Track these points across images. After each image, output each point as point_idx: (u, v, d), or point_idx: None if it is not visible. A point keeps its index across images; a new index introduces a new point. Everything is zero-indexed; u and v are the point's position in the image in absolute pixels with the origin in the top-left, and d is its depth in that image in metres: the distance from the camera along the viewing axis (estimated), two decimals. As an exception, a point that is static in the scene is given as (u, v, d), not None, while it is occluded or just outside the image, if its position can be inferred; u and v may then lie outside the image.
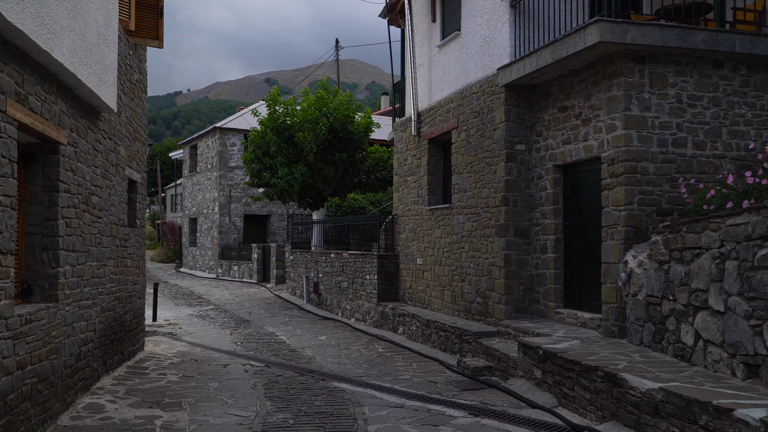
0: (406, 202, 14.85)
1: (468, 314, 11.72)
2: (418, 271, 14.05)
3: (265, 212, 32.13)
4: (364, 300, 15.66)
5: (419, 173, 14.11)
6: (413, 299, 14.23)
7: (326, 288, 18.34)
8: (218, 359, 11.10)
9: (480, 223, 11.37)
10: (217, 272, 31.10)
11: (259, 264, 27.01)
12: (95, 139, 8.15)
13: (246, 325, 15.73)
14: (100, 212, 8.41)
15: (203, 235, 33.55)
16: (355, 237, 18.00)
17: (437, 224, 13.14)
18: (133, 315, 10.54)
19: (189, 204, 36.27)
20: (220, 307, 19.39)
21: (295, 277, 21.45)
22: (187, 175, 36.84)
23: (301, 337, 13.94)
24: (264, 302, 20.63)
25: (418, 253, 14.06)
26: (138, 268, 10.97)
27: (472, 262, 11.62)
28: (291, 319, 16.81)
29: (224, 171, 31.19)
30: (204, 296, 22.27)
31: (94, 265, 8.13)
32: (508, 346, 9.57)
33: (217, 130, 31.50)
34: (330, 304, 18.02)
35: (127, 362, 10.09)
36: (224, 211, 31.24)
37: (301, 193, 20.00)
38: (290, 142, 19.82)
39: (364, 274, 15.75)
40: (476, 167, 11.55)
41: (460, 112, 12.24)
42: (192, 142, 35.90)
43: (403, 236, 14.96)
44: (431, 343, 11.99)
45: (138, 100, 10.88)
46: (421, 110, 14.16)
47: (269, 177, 20.38)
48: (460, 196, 12.15)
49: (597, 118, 9.03)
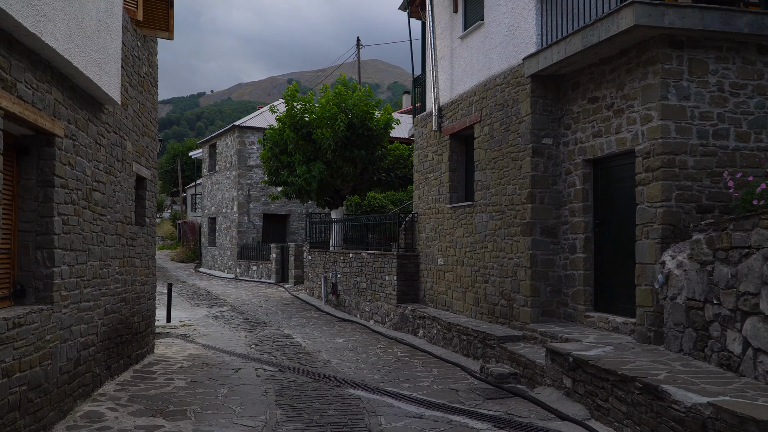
0: (426, 200, 14.34)
1: (491, 317, 11.17)
2: (439, 272, 13.53)
3: (285, 211, 31.79)
4: (383, 301, 15.17)
5: (440, 170, 13.59)
6: (434, 301, 13.71)
7: (345, 289, 17.89)
8: (230, 363, 10.69)
9: (504, 221, 10.82)
10: (236, 272, 30.83)
11: (278, 264, 26.65)
12: (97, 132, 7.76)
13: (262, 327, 15.33)
14: (103, 209, 8.03)
15: (222, 235, 33.32)
16: (375, 236, 17.53)
17: (459, 223, 12.60)
18: (141, 317, 10.16)
19: (208, 203, 36.08)
20: (237, 308, 19.03)
21: (313, 278, 21.04)
22: (206, 174, 36.66)
23: (318, 339, 13.49)
24: (281, 303, 20.24)
25: (439, 253, 13.54)
26: (147, 268, 10.60)
27: (495, 262, 11.07)
28: (308, 321, 16.39)
29: (243, 170, 30.92)
30: (221, 297, 21.96)
31: (96, 265, 7.75)
32: (535, 351, 9.01)
33: (236, 129, 31.22)
34: (348, 305, 17.56)
35: (135, 366, 9.71)
36: (243, 211, 30.96)
37: (319, 191, 19.56)
38: (308, 139, 19.40)
39: (383, 275, 15.27)
40: (500, 163, 11.00)
41: (483, 105, 11.70)
42: (211, 141, 35.70)
43: (423, 235, 14.45)
44: (453, 348, 11.46)
45: (147, 94, 10.51)
46: (443, 104, 13.63)
47: (287, 175, 19.98)
48: (483, 193, 11.60)
49: (631, 108, 8.43)
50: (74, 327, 7.00)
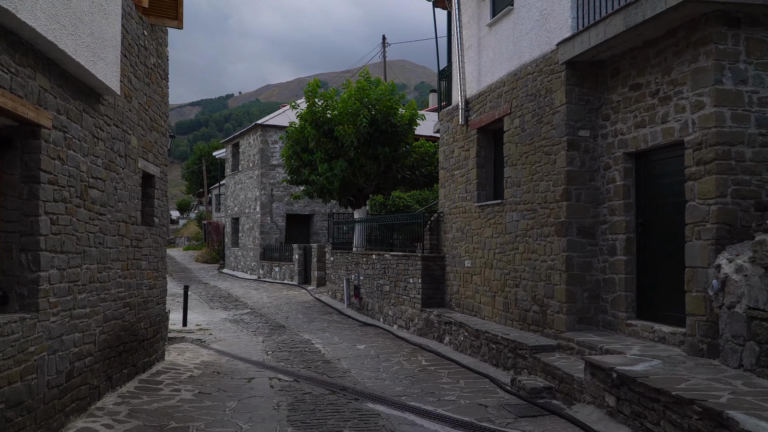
0: (452, 199, 13.61)
1: (523, 324, 10.41)
2: (466, 275, 12.79)
3: (308, 211, 31.27)
4: (407, 305, 14.48)
5: (467, 166, 12.85)
6: (461, 306, 12.98)
7: (367, 292, 17.23)
8: (244, 371, 10.10)
9: (537, 220, 10.05)
10: (259, 273, 30.39)
11: (300, 265, 26.11)
12: (94, 124, 7.21)
13: (281, 332, 14.75)
14: (102, 208, 7.47)
15: (245, 236, 32.93)
16: (399, 237, 16.85)
17: (487, 222, 11.85)
18: (149, 322, 9.62)
19: (231, 203, 35.74)
20: (257, 311, 18.50)
21: (335, 280, 20.43)
22: (229, 174, 36.34)
23: (338, 346, 12.85)
24: (303, 306, 19.66)
25: (466, 254, 12.80)
26: (156, 271, 10.06)
27: (527, 265, 10.31)
28: (329, 325, 15.77)
29: (266, 169, 30.47)
30: (241, 299, 21.46)
31: (93, 269, 7.19)
32: (571, 363, 8.24)
33: (259, 128, 30.79)
34: (371, 309, 16.90)
35: (141, 375, 9.16)
36: (266, 211, 30.52)
37: (341, 190, 18.93)
38: (330, 136, 18.79)
39: (407, 278, 14.57)
40: (532, 157, 10.24)
41: (514, 96, 10.94)
42: (234, 140, 35.35)
43: (449, 236, 13.72)
44: (481, 356, 10.73)
45: (156, 87, 9.97)
46: (470, 97, 12.89)
47: (308, 174, 19.40)
48: (514, 190, 10.84)
49: (679, 95, 7.62)
50: (66, 336, 6.44)
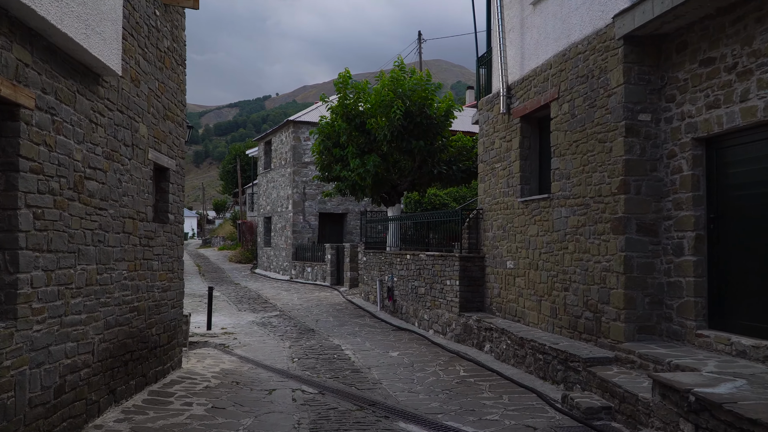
0: (493, 194, 12.62)
1: (573, 332, 9.39)
2: (508, 277, 11.80)
3: (342, 210, 30.51)
4: (444, 309, 13.54)
5: (509, 158, 11.85)
6: (502, 310, 11.99)
7: (401, 294, 16.34)
8: (265, 381, 9.32)
9: (589, 216, 9.03)
10: (291, 274, 29.75)
11: (333, 265, 25.34)
12: (92, 108, 6.47)
13: (309, 336, 13.96)
14: (102, 202, 6.74)
15: (277, 235, 32.34)
16: (435, 236, 15.91)
17: (532, 219, 10.85)
18: (162, 328, 8.90)
19: (263, 202, 35.21)
20: (286, 314, 17.77)
21: (368, 281, 19.58)
22: (261, 173, 35.82)
23: (369, 352, 11.99)
24: (334, 308, 18.87)
25: (508, 254, 11.81)
26: (171, 272, 9.34)
27: (578, 266, 9.29)
28: (361, 330, 14.92)
29: (298, 167, 29.81)
30: (271, 300, 20.78)
31: (91, 270, 6.46)
32: (633, 379, 7.22)
33: (291, 124, 30.15)
34: (405, 312, 16.00)
35: (152, 386, 8.43)
36: (298, 209, 29.86)
37: (374, 186, 18.05)
38: (362, 130, 17.94)
39: (443, 279, 13.64)
40: (583, 146, 9.22)
41: (562, 79, 9.92)
42: (266, 137, 34.80)
43: (490, 234, 12.74)
44: (526, 367, 9.74)
45: (170, 72, 9.25)
46: (512, 83, 11.89)
47: (340, 170, 18.58)
48: (562, 183, 9.83)
49: (763, 68, 6.55)
50: (55, 347, 5.70)
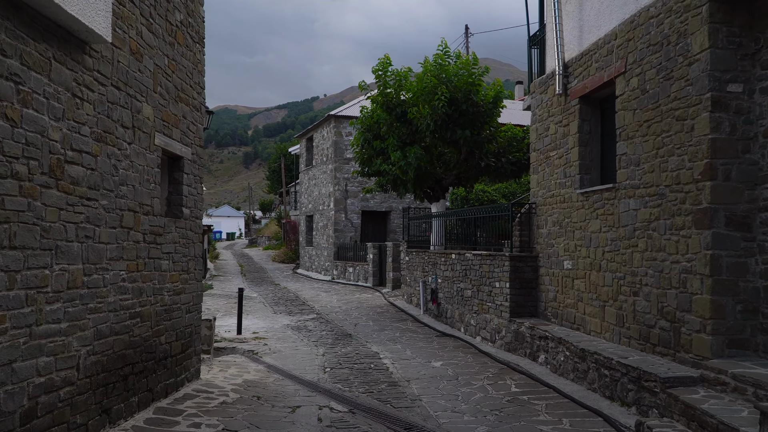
0: (547, 186, 11.35)
1: (644, 344, 8.09)
2: (565, 279, 10.52)
3: (385, 208, 29.45)
4: (493, 314, 12.32)
5: (566, 145, 10.57)
6: (558, 316, 10.72)
7: (446, 296, 15.16)
8: (290, 396, 8.32)
9: (665, 208, 7.72)
10: (332, 274, 28.85)
11: (375, 266, 24.29)
12: (75, 80, 5.55)
13: (346, 342, 12.94)
14: (91, 191, 5.82)
15: (319, 234, 31.51)
16: (483, 234, 14.68)
17: (593, 213, 9.57)
18: (174, 335, 7.98)
19: (305, 200, 34.44)
20: (323, 317, 16.80)
21: (410, 282, 18.45)
22: (303, 170, 35.07)
23: (410, 362, 10.89)
24: (374, 311, 17.81)
25: (565, 253, 10.53)
26: (186, 272, 8.42)
27: (650, 266, 7.99)
28: (402, 335, 13.82)
29: (339, 163, 28.88)
30: (309, 302, 19.85)
31: (74, 270, 5.53)
32: (727, 406, 5.91)
33: (332, 119, 29.25)
34: (450, 316, 14.82)
35: (161, 401, 7.50)
36: (340, 207, 28.94)
37: (417, 181, 16.88)
38: (403, 120, 16.82)
39: (492, 281, 12.42)
40: (657, 126, 7.91)
41: (629, 50, 8.62)
42: (308, 133, 34.03)
43: (544, 231, 11.47)
44: (588, 383, 8.48)
45: (183, 49, 8.33)
46: (569, 60, 10.60)
47: (380, 163, 17.50)
48: (631, 170, 8.53)
49: None
50: (21, 363, 4.77)
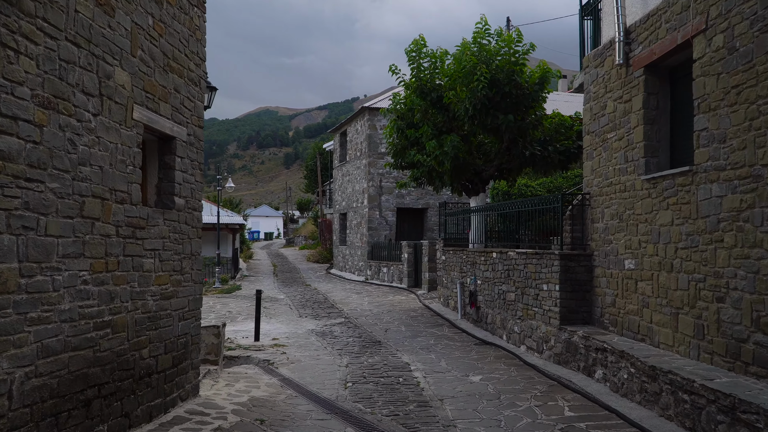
0: (604, 173, 9.87)
1: (733, 362, 6.58)
2: (627, 280, 9.04)
3: (421, 205, 28.07)
4: (540, 320, 10.88)
5: (628, 124, 9.08)
6: (618, 324, 9.23)
7: (486, 300, 13.74)
8: (300, 419, 7.08)
9: (762, 193, 6.22)
10: (366, 274, 27.60)
11: (410, 265, 22.94)
12: (7, 26, 4.37)
13: (374, 350, 11.66)
14: (32, 170, 4.64)
15: (352, 232, 30.30)
16: (528, 230, 13.22)
17: (663, 203, 8.07)
18: (163, 348, 6.79)
19: (339, 198, 33.29)
20: (352, 321, 15.54)
21: (447, 283, 17.05)
22: (337, 166, 33.92)
23: (444, 376, 9.55)
24: (408, 315, 16.47)
25: (627, 251, 9.05)
26: (179, 273, 7.23)
27: (742, 266, 6.48)
28: (437, 343, 12.47)
29: (374, 157, 27.62)
30: (338, 305, 18.61)
31: (4, 270, 4.35)
32: None
33: (366, 111, 28.00)
34: (491, 322, 13.39)
35: (143, 427, 6.31)
36: (374, 204, 27.67)
37: (454, 173, 15.45)
38: (439, 106, 15.44)
39: (539, 283, 10.98)
40: (750, 92, 6.40)
41: (711, 3, 7.12)
42: (341, 128, 32.85)
43: (599, 225, 9.99)
44: (661, 409, 7.00)
45: (176, 11, 7.14)
46: (631, 25, 9.11)
47: (414, 154, 16.15)
48: (714, 149, 7.02)
49: None
50: None
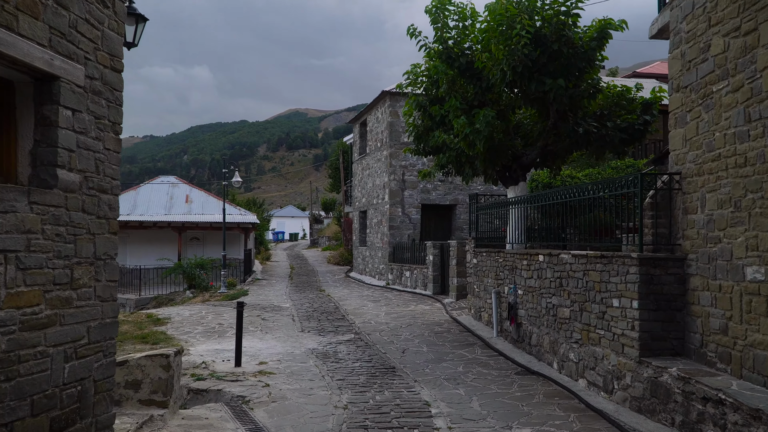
0: (707, 143, 7.07)
1: None
2: (750, 297, 6.24)
3: (449, 201, 25.26)
4: (608, 348, 8.10)
5: (752, 64, 6.26)
6: (734, 361, 6.43)
7: (530, 315, 10.98)
8: None
9: None
10: (387, 279, 24.90)
11: (436, 269, 20.18)
12: None
13: (385, 381, 9.03)
14: None
15: (373, 232, 27.62)
16: (581, 229, 10.40)
17: (819, 179, 5.27)
18: (29, 408, 4.20)
19: (358, 194, 30.64)
20: (363, 337, 12.88)
21: (479, 292, 14.29)
22: (356, 159, 31.28)
23: (477, 424, 6.87)
24: (431, 330, 13.74)
25: (749, 253, 6.25)
26: (65, 286, 4.63)
27: None
28: (467, 370, 9.76)
29: (395, 148, 24.92)
30: (350, 316, 15.92)
31: None
32: None
33: (387, 96, 25.29)
34: (537, 343, 10.63)
35: None
36: (396, 200, 24.95)
37: (488, 156, 12.66)
38: (469, 74, 12.70)
39: (606, 297, 8.20)
40: None
41: None
42: (361, 117, 30.17)
43: (699, 217, 7.20)
44: None
45: None
46: (750, -77, 6.31)
47: (440, 136, 13.43)
48: None
49: None
50: None
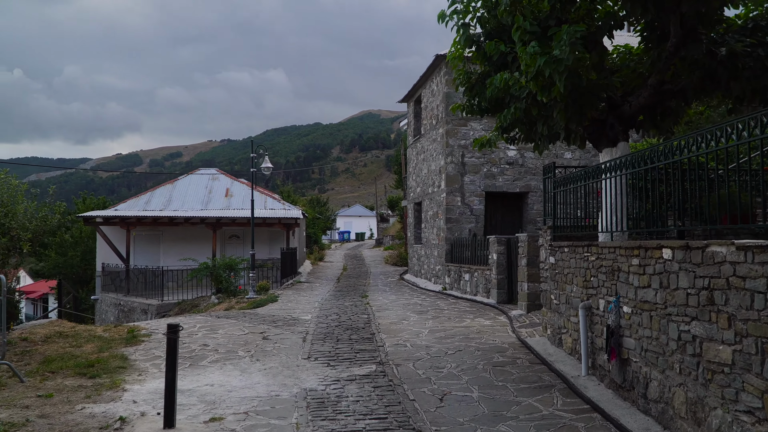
0: None
1: None
2: None
3: (520, 188, 21.04)
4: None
5: None
6: None
7: (646, 347, 6.89)
8: None
9: None
10: (444, 282, 20.96)
11: (501, 271, 16.09)
12: None
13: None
14: None
15: (428, 227, 23.73)
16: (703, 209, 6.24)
17: None
18: None
19: (413, 183, 26.76)
20: (389, 371, 9.06)
21: (558, 305, 10.22)
22: (411, 144, 27.40)
23: None
24: (489, 360, 9.76)
25: None
26: None
27: None
28: (538, 447, 5.83)
29: (453, 124, 20.95)
30: (381, 335, 12.05)
31: None
32: None
33: (442, 62, 21.36)
34: (658, 398, 6.53)
35: None
36: (453, 188, 20.95)
37: (571, 102, 8.65)
38: (540, -17, 8.72)
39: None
40: None
41: None
42: (415, 93, 26.19)
43: None
44: None
45: None
46: None
47: (500, 80, 9.48)
48: None
49: None
50: None
